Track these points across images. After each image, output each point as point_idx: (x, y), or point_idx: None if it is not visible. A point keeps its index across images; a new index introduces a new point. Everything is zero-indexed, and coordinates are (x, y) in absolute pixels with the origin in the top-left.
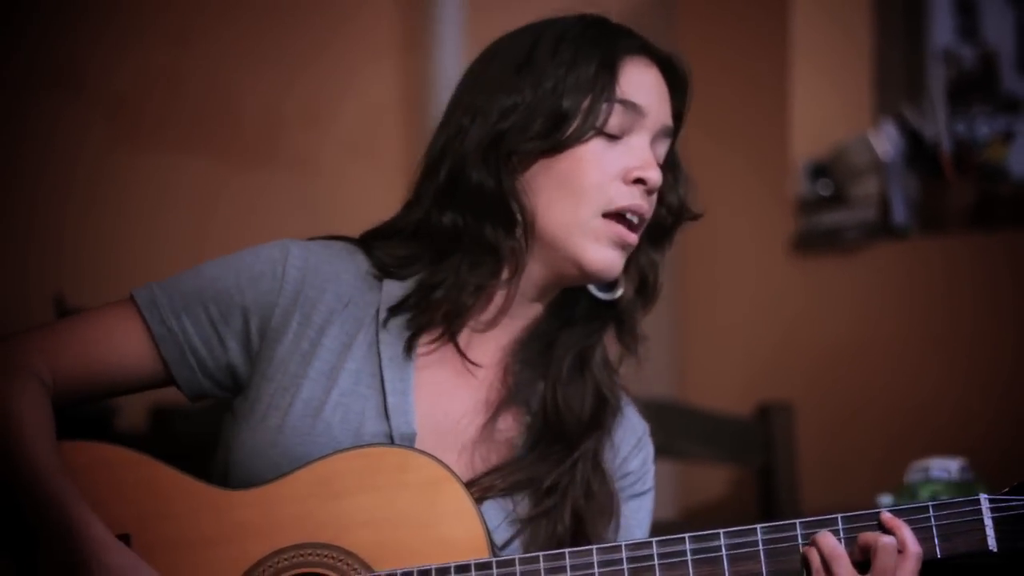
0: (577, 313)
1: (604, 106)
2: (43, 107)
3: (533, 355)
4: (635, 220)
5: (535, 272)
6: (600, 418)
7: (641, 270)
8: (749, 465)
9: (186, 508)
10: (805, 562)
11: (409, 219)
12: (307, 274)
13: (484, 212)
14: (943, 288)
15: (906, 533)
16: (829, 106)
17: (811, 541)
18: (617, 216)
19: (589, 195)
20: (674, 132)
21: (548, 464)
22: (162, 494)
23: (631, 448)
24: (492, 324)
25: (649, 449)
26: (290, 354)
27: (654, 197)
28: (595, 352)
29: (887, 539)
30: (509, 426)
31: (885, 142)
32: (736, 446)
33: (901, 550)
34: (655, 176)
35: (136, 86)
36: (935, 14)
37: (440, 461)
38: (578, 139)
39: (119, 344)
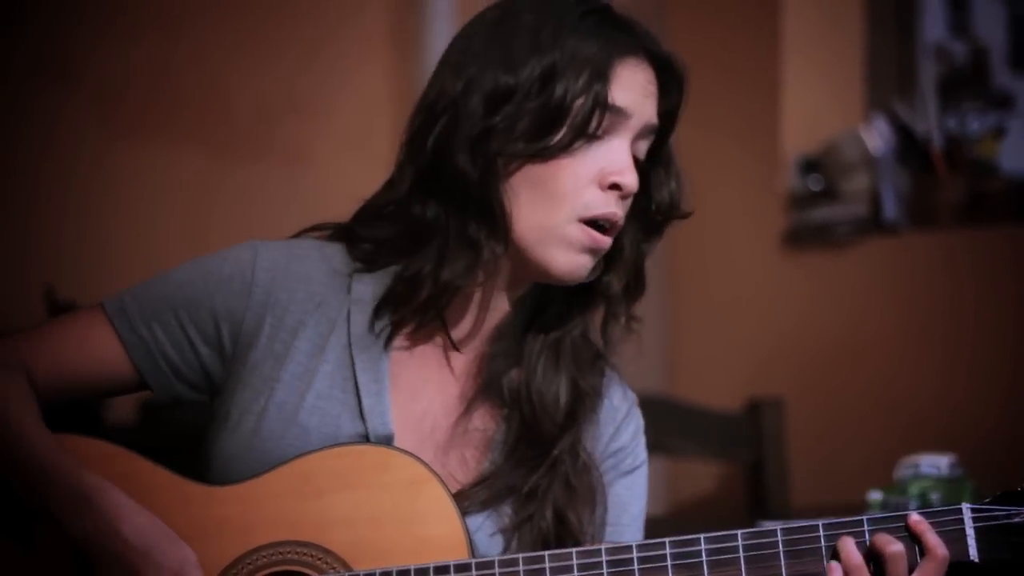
0: (551, 299)
1: (596, 112)
2: (40, 102)
3: (508, 345)
4: (607, 227)
5: (507, 267)
6: (576, 413)
7: (632, 264)
8: (739, 461)
9: (165, 503)
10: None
11: (390, 198)
12: (277, 276)
13: (466, 206)
14: (934, 284)
15: (931, 537)
16: (820, 101)
17: (833, 552)
18: (591, 223)
19: (566, 199)
20: (666, 130)
21: (526, 469)
22: (141, 489)
23: (616, 426)
24: (468, 318)
25: (638, 422)
26: (263, 358)
27: (628, 202)
28: (568, 341)
29: (894, 548)
30: (485, 420)
31: (876, 137)
32: (726, 442)
33: (925, 553)
34: (631, 182)
35: (132, 81)
36: (927, 9)
37: (421, 461)
38: (563, 148)
39: (93, 351)
